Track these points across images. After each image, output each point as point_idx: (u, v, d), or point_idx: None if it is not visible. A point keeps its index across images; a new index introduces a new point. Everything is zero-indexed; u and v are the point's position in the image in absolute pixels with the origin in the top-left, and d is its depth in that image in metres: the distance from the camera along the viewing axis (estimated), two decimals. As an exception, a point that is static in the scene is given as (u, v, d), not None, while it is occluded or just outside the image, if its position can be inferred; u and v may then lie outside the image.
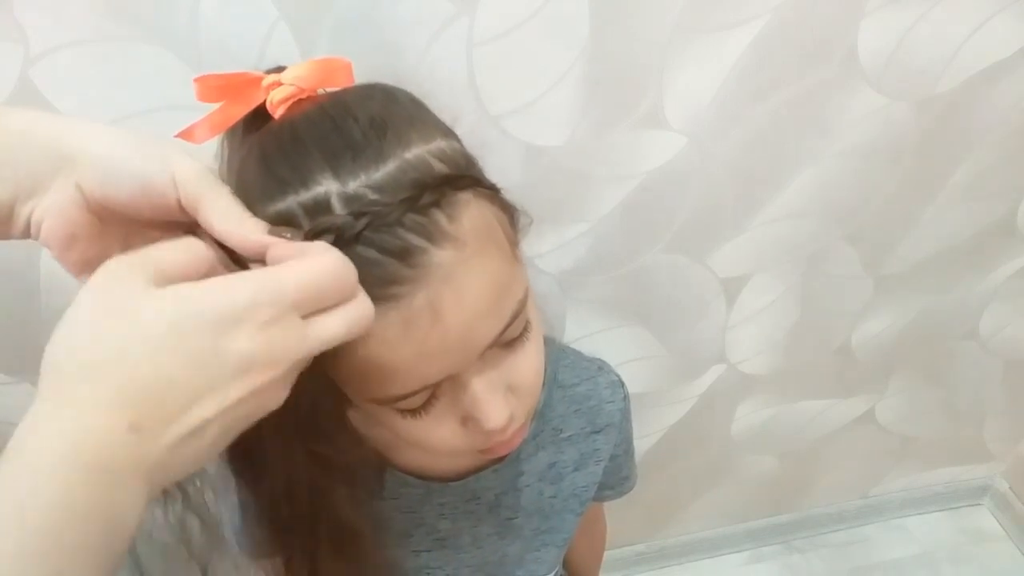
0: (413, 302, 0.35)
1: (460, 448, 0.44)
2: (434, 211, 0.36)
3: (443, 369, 0.39)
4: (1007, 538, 1.50)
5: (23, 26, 0.59)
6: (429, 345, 0.37)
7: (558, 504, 0.66)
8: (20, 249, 0.73)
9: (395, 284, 0.35)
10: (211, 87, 0.40)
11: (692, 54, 0.74)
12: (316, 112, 0.38)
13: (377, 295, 0.34)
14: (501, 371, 0.42)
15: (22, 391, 0.83)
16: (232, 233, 0.34)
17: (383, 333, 0.35)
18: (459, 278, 0.36)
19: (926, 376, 1.26)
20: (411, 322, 0.36)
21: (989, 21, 0.80)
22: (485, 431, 0.42)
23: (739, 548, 1.48)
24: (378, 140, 0.37)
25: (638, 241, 0.90)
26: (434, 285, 0.36)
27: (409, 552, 0.61)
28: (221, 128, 0.40)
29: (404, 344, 0.36)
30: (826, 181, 0.90)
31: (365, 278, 0.34)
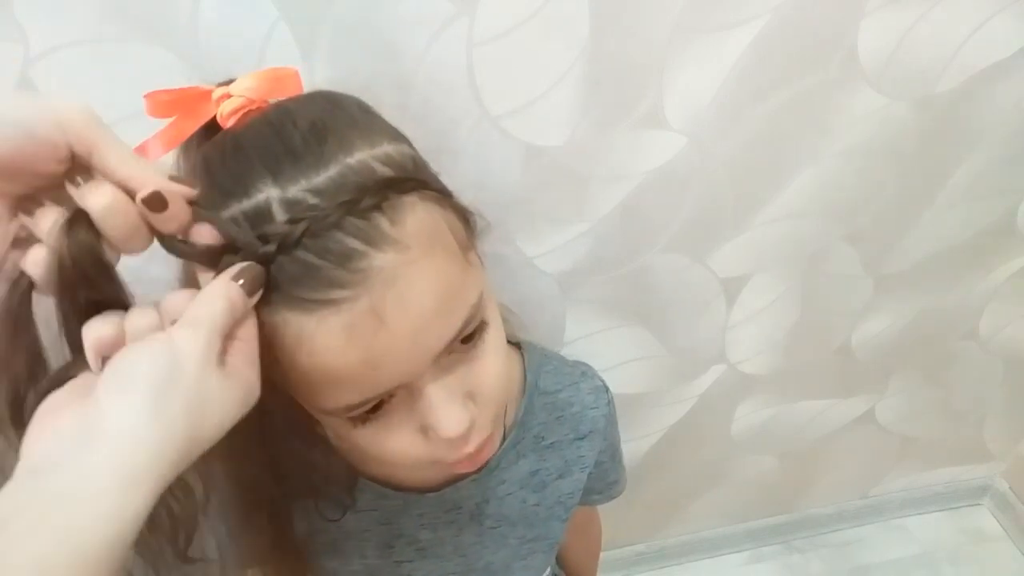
0: (355, 307, 0.35)
1: (421, 459, 0.43)
2: (375, 215, 0.35)
3: (394, 376, 0.38)
4: (1007, 538, 1.50)
5: (23, 26, 0.59)
6: (375, 351, 0.36)
7: (543, 512, 0.65)
8: (20, 249, 0.73)
9: (335, 288, 0.35)
10: (161, 103, 0.40)
11: (692, 54, 0.74)
12: (258, 120, 0.39)
13: (318, 300, 0.34)
14: (458, 377, 0.41)
15: (22, 391, 0.83)
16: (134, 176, 0.32)
17: (326, 340, 0.35)
18: (402, 282, 0.36)
19: (926, 376, 1.26)
20: (354, 328, 0.35)
21: (989, 21, 0.80)
22: (444, 440, 0.41)
23: (739, 548, 1.48)
24: (319, 145, 0.36)
25: (638, 241, 0.90)
26: (376, 290, 0.35)
27: (391, 563, 0.61)
28: (174, 143, 0.40)
29: (349, 351, 0.36)
30: (826, 181, 0.90)
31: (305, 283, 0.34)
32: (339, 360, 0.36)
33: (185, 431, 0.31)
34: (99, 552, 0.27)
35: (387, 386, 0.39)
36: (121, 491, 0.28)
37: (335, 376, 0.37)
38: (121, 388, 0.30)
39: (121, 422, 0.30)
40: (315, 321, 0.35)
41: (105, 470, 0.29)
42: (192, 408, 0.31)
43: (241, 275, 0.33)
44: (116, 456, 0.29)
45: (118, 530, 0.28)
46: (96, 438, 0.29)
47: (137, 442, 0.29)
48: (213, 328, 0.32)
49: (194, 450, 0.32)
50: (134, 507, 0.29)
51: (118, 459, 0.29)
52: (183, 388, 0.31)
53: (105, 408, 0.30)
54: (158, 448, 0.30)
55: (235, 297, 0.33)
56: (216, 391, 0.32)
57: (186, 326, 0.32)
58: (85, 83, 0.63)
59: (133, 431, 0.29)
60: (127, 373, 0.31)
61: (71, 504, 0.28)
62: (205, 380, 0.31)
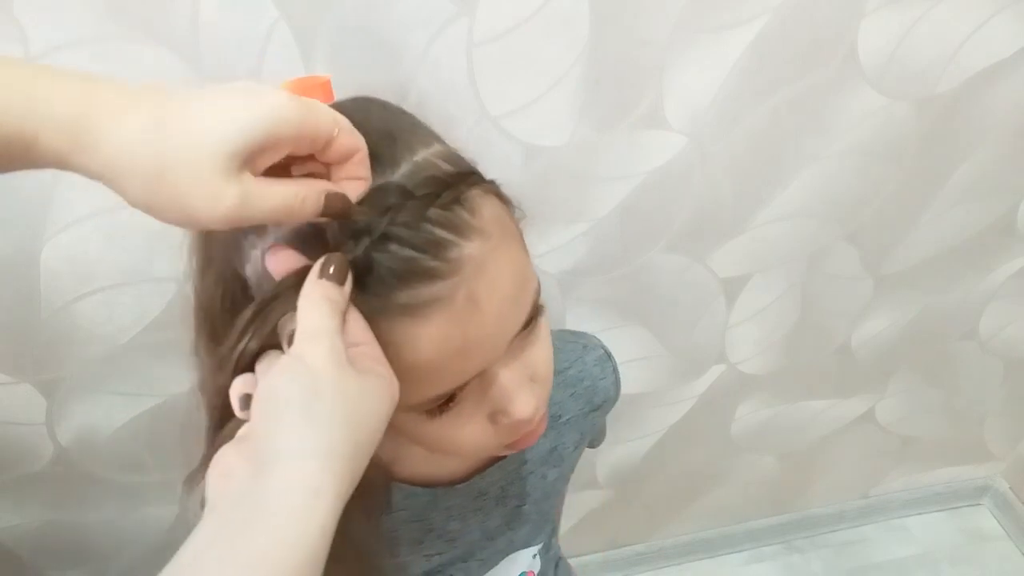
0: (455, 297, 0.36)
1: (488, 446, 0.44)
2: (455, 206, 0.36)
3: (479, 362, 0.39)
4: (1007, 538, 1.50)
5: (23, 26, 0.59)
6: (470, 339, 0.37)
7: (560, 483, 0.67)
8: (20, 249, 0.73)
9: (436, 281, 0.35)
10: None
11: (692, 54, 0.74)
12: None
13: (421, 298, 0.35)
14: (523, 361, 0.42)
15: (22, 391, 0.83)
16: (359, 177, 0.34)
17: (431, 333, 0.36)
18: (490, 268, 0.37)
19: (926, 376, 1.26)
20: (455, 318, 0.36)
21: (989, 21, 0.80)
22: (515, 422, 0.42)
23: (739, 548, 1.48)
24: (389, 148, 0.37)
25: (638, 241, 0.90)
26: (470, 278, 0.36)
27: (421, 557, 0.61)
28: None
29: (450, 341, 0.37)
30: (826, 181, 0.90)
31: (407, 279, 0.34)
32: (440, 352, 0.37)
33: (345, 437, 0.31)
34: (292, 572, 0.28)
35: (472, 372, 0.39)
36: (303, 507, 0.29)
37: (433, 368, 0.37)
38: (273, 415, 0.31)
39: (282, 445, 0.30)
40: (420, 319, 0.35)
41: (281, 492, 0.29)
42: (344, 413, 0.31)
43: (325, 270, 0.33)
44: (287, 476, 0.30)
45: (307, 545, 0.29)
46: (264, 466, 0.30)
47: (303, 458, 0.30)
48: (329, 331, 0.32)
49: (360, 455, 0.32)
50: (318, 521, 0.30)
51: (290, 478, 0.30)
52: (329, 397, 0.31)
53: (264, 438, 0.31)
54: (325, 460, 0.30)
55: (331, 293, 0.33)
56: (359, 392, 0.32)
57: (305, 341, 0.32)
58: (85, 83, 0.64)
59: (297, 450, 0.30)
60: (273, 400, 0.31)
61: (256, 531, 0.29)
62: (345, 383, 0.32)
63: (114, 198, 0.37)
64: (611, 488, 1.27)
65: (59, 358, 0.82)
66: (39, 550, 1.04)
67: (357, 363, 0.33)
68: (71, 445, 0.91)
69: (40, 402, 0.85)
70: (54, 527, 1.01)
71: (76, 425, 0.89)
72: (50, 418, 0.87)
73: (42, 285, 0.75)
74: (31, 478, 0.93)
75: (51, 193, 0.69)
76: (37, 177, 0.68)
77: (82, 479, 0.95)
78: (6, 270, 0.74)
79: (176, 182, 0.30)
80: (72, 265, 0.74)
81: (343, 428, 0.31)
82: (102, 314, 0.78)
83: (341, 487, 0.31)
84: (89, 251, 0.73)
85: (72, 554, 1.07)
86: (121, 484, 0.97)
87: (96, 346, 0.81)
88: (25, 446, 0.89)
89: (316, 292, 0.33)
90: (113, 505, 1.00)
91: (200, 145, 0.30)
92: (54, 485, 0.95)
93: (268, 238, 0.36)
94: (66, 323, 0.78)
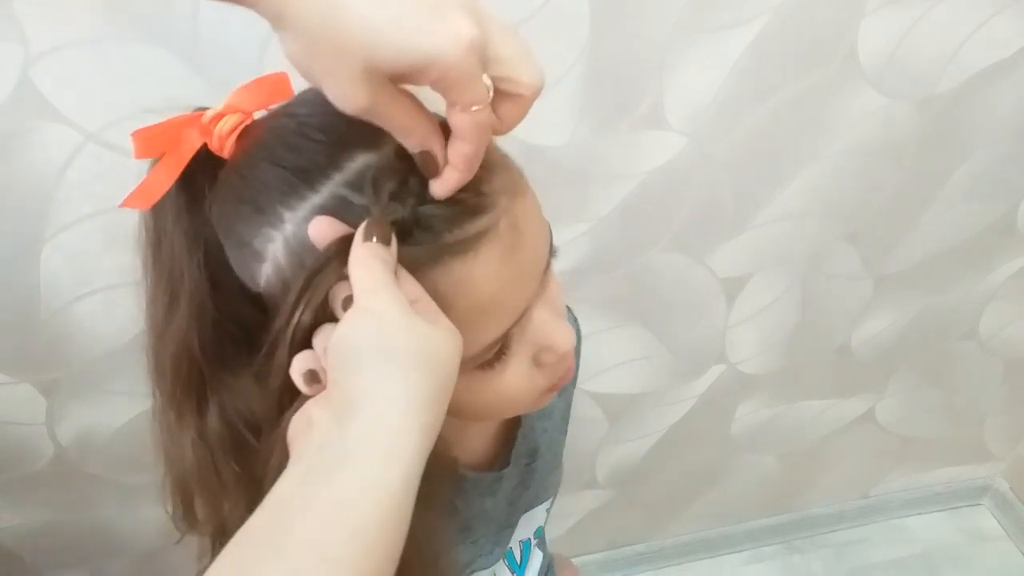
0: (499, 227, 0.36)
1: (536, 393, 0.44)
2: None
3: (526, 296, 0.40)
4: (1007, 538, 1.50)
5: (23, 26, 0.59)
6: (518, 268, 0.38)
7: (557, 432, 0.69)
8: (20, 249, 0.73)
9: (480, 215, 0.36)
10: (148, 139, 0.38)
11: (692, 54, 0.74)
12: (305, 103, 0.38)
13: (469, 232, 0.35)
14: (547, 298, 0.43)
15: (22, 391, 0.83)
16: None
17: (485, 270, 0.36)
18: (521, 195, 0.38)
19: (926, 376, 1.26)
20: (503, 248, 0.37)
21: (989, 21, 0.80)
22: (561, 356, 0.42)
23: (739, 548, 1.48)
24: None
25: (638, 241, 0.90)
26: (508, 207, 0.37)
27: (469, 544, 0.61)
28: (168, 184, 0.37)
29: (502, 273, 0.37)
30: (826, 181, 0.90)
31: (455, 221, 0.35)
32: (493, 287, 0.37)
33: (421, 378, 0.31)
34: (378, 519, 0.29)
35: (520, 309, 0.39)
36: (388, 448, 0.30)
37: (489, 308, 0.37)
38: (349, 362, 0.31)
39: (362, 387, 0.31)
40: (472, 258, 0.35)
41: (365, 434, 0.30)
42: (418, 356, 0.32)
43: (368, 234, 0.33)
44: (371, 418, 0.30)
45: (393, 490, 0.30)
46: (346, 411, 0.30)
47: (384, 399, 0.30)
48: (388, 283, 0.32)
49: (437, 402, 0.32)
50: (404, 465, 0.30)
51: (374, 420, 0.30)
52: (402, 340, 0.31)
53: (343, 385, 0.31)
54: (406, 401, 0.31)
55: (379, 252, 0.33)
56: (429, 336, 0.32)
57: (366, 295, 0.32)
58: (85, 83, 0.64)
59: (377, 391, 0.31)
60: (347, 348, 0.31)
61: (341, 476, 0.29)
62: (414, 327, 0.32)
63: (114, 198, 0.37)
64: (611, 488, 1.27)
65: (59, 358, 0.82)
66: (39, 550, 1.04)
67: (420, 315, 0.33)
68: (71, 445, 0.91)
69: (40, 402, 0.85)
70: (54, 527, 1.01)
71: (76, 425, 0.89)
72: (50, 418, 0.87)
73: (42, 285, 0.75)
74: (31, 478, 0.93)
75: (51, 193, 0.69)
76: (37, 177, 0.68)
77: (82, 479, 0.95)
78: (6, 270, 0.74)
79: (323, 58, 0.31)
80: (72, 265, 0.74)
81: (418, 370, 0.31)
82: (102, 314, 0.78)
83: (423, 433, 0.31)
84: (89, 251, 0.73)
85: (72, 554, 1.07)
86: (121, 484, 0.97)
87: (96, 346, 0.81)
88: (25, 446, 0.89)
89: (365, 253, 0.32)
90: (113, 505, 1.00)
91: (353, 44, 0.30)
92: (54, 485, 0.95)
93: (286, 226, 0.35)
94: (66, 323, 0.78)
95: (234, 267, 0.38)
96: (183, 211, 0.38)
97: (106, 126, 0.66)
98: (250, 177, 0.36)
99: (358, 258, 0.32)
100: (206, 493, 0.44)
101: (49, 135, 0.66)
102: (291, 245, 0.35)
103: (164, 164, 0.37)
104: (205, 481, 0.43)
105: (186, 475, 0.43)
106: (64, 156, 0.67)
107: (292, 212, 0.35)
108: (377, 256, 0.32)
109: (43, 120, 0.65)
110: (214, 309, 0.38)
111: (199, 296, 0.38)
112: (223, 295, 0.38)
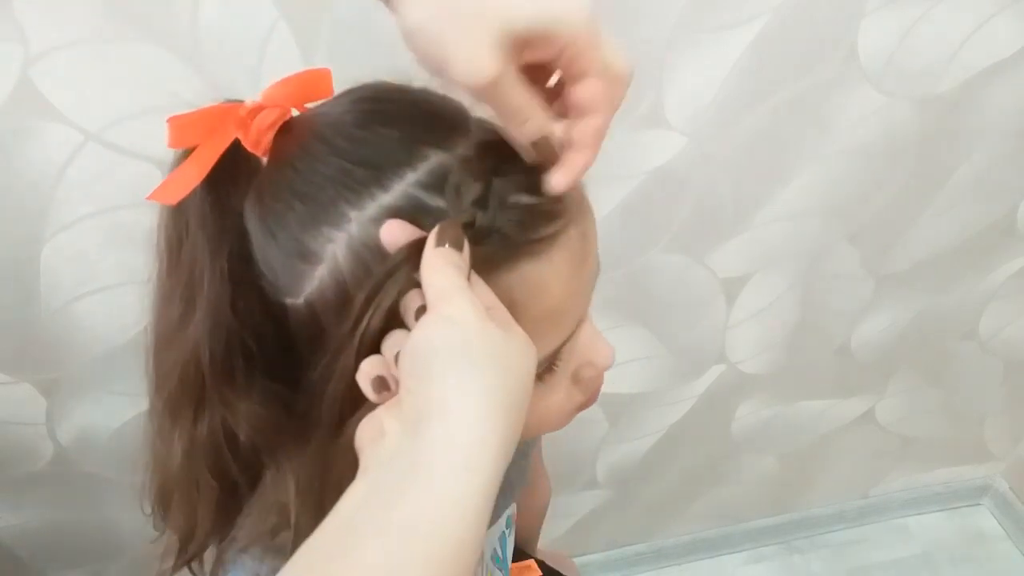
0: (570, 235, 0.36)
1: (571, 409, 0.44)
2: None
3: (586, 306, 0.40)
4: (1007, 538, 1.50)
5: (23, 26, 0.59)
6: (584, 277, 0.38)
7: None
8: (20, 249, 0.73)
9: (555, 221, 0.35)
10: (184, 126, 0.36)
11: (692, 54, 0.74)
12: (380, 94, 0.38)
13: (546, 238, 0.35)
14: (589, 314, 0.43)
15: (22, 391, 0.83)
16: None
17: (558, 274, 0.36)
18: (586, 205, 0.38)
19: (926, 376, 1.26)
20: (574, 255, 0.36)
21: (989, 21, 0.80)
22: (600, 372, 0.42)
23: (739, 548, 1.48)
24: (457, 109, 0.37)
25: (638, 241, 0.90)
26: (577, 215, 0.37)
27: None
28: (199, 177, 0.35)
29: (573, 280, 0.37)
30: (826, 181, 0.90)
31: (532, 225, 0.34)
32: (566, 292, 0.37)
33: (499, 385, 0.30)
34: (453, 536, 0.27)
35: (578, 321, 0.39)
36: (466, 461, 0.28)
37: (557, 316, 0.37)
38: (425, 370, 0.30)
39: (439, 396, 0.29)
40: (545, 261, 0.35)
41: (442, 446, 0.28)
42: (495, 364, 0.30)
43: (441, 239, 0.31)
44: (448, 429, 0.28)
45: (470, 506, 0.27)
46: (421, 422, 0.29)
47: (463, 409, 0.29)
48: (463, 289, 0.31)
49: (516, 412, 0.31)
50: (482, 479, 0.28)
51: (452, 431, 0.28)
52: (479, 346, 0.30)
53: (417, 393, 0.30)
54: (486, 410, 0.29)
55: (452, 257, 0.31)
56: (505, 343, 0.31)
57: (442, 301, 0.30)
58: (85, 83, 0.64)
59: (455, 401, 0.29)
60: (424, 355, 0.30)
61: (414, 490, 0.27)
62: (491, 334, 0.30)
63: (114, 198, 0.37)
64: (611, 488, 1.27)
65: (59, 358, 0.82)
66: (39, 550, 1.04)
67: (494, 321, 0.32)
68: (71, 445, 0.91)
69: (40, 402, 0.85)
70: (54, 527, 1.01)
71: (76, 425, 0.89)
72: (50, 418, 0.87)
73: (42, 285, 0.75)
74: (31, 478, 0.93)
75: (51, 193, 0.69)
76: (37, 177, 0.68)
77: (82, 479, 0.95)
78: (6, 270, 0.74)
79: (458, 21, 0.30)
80: (72, 265, 0.74)
81: (497, 378, 0.30)
82: (102, 314, 0.78)
83: (502, 446, 0.29)
84: (89, 251, 0.73)
85: (72, 554, 1.07)
86: (121, 484, 0.97)
87: (96, 346, 0.81)
88: (25, 446, 0.89)
89: (439, 259, 0.31)
90: (113, 505, 1.00)
91: (490, 4, 0.30)
92: (54, 485, 0.95)
93: (350, 226, 0.33)
94: (66, 323, 0.78)
95: (271, 269, 0.36)
96: (209, 212, 0.37)
97: (106, 126, 0.66)
98: (307, 171, 0.35)
99: (432, 263, 0.31)
100: (184, 498, 0.43)
101: (49, 135, 0.65)
102: (355, 246, 0.33)
103: (196, 157, 0.36)
104: (185, 487, 0.42)
105: (169, 478, 0.43)
106: (64, 156, 0.67)
107: (359, 211, 0.33)
108: (451, 262, 0.31)
109: (43, 120, 0.65)
110: (233, 320, 0.37)
111: (218, 305, 0.37)
112: (244, 307, 0.37)
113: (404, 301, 0.32)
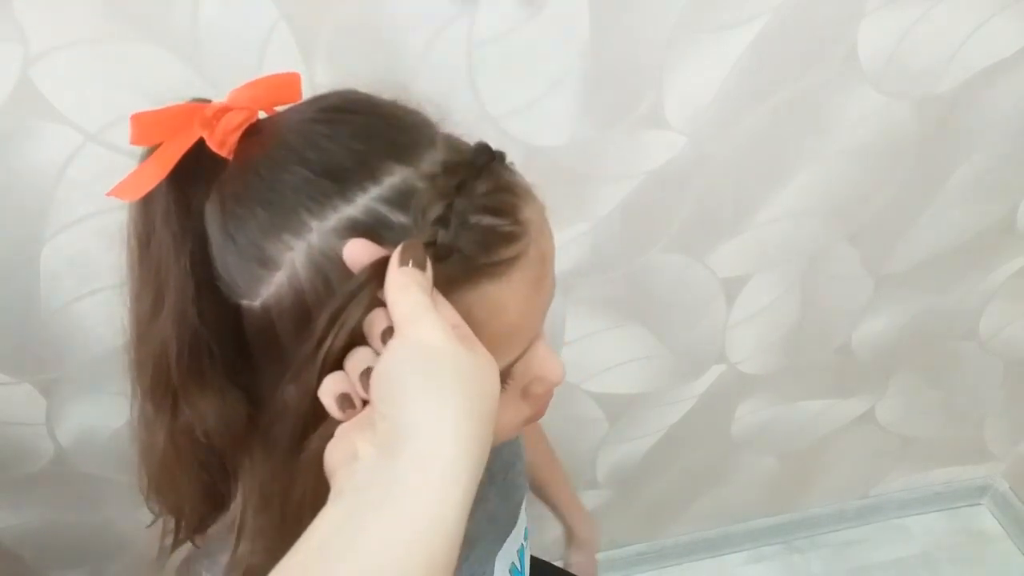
0: (529, 256, 0.36)
1: (522, 423, 0.44)
2: (504, 173, 0.37)
3: (541, 323, 0.40)
4: (1007, 538, 1.50)
5: (23, 26, 0.59)
6: (542, 296, 0.38)
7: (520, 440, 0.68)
8: (20, 249, 0.73)
9: (515, 243, 0.36)
10: (148, 125, 0.36)
11: (692, 54, 0.74)
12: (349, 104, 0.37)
13: (506, 260, 0.35)
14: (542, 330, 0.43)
15: (22, 391, 0.83)
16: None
17: (517, 295, 0.36)
18: (546, 225, 0.39)
19: (926, 376, 1.26)
20: (531, 275, 0.37)
21: (989, 21, 0.80)
22: (549, 388, 0.43)
23: (739, 548, 1.48)
24: (425, 125, 0.37)
25: (638, 241, 0.90)
26: (536, 236, 0.37)
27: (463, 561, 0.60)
28: (160, 176, 0.35)
29: (531, 300, 0.37)
30: (826, 181, 0.90)
31: (493, 246, 0.34)
32: (523, 311, 0.37)
33: (469, 409, 0.30)
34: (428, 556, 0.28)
35: (532, 338, 0.40)
36: (440, 481, 0.28)
37: (517, 330, 0.38)
38: (397, 393, 0.30)
39: (410, 419, 0.29)
40: (505, 282, 0.35)
41: (416, 467, 0.28)
42: (464, 385, 0.30)
43: (404, 259, 0.32)
44: (421, 450, 0.29)
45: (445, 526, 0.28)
46: (394, 444, 0.29)
47: (436, 432, 0.29)
48: (428, 309, 0.31)
49: (484, 433, 0.31)
50: (456, 498, 0.29)
51: (425, 452, 0.29)
52: (449, 368, 0.30)
53: (389, 417, 0.30)
54: (456, 432, 0.29)
55: (417, 277, 0.31)
56: (473, 364, 0.31)
57: (408, 323, 0.31)
58: (85, 83, 0.64)
59: (426, 423, 0.29)
60: (394, 379, 0.30)
61: (389, 512, 0.28)
62: (459, 355, 0.31)
63: (114, 199, 0.37)
64: (611, 488, 1.27)
65: (59, 358, 0.82)
66: (39, 550, 1.04)
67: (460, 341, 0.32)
68: (71, 445, 0.91)
69: (40, 402, 0.85)
70: (54, 527, 1.01)
71: (76, 425, 0.89)
72: (50, 418, 0.87)
73: (42, 285, 0.75)
74: (31, 478, 0.93)
75: (51, 193, 0.69)
76: (37, 177, 0.68)
77: (82, 479, 0.95)
78: (6, 270, 0.74)
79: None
80: (72, 265, 0.74)
81: (467, 400, 0.30)
82: (102, 314, 0.78)
83: (474, 465, 0.30)
84: (89, 251, 0.73)
85: (72, 554, 1.07)
86: (121, 484, 0.97)
87: (96, 346, 0.81)
88: (25, 446, 0.89)
89: (403, 279, 0.31)
90: (113, 505, 1.00)
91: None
92: (54, 485, 0.95)
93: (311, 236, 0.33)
94: (66, 323, 0.78)
95: (228, 272, 0.36)
96: (172, 208, 0.37)
97: (106, 126, 0.67)
98: (271, 178, 0.34)
99: (396, 283, 0.31)
100: (169, 483, 0.44)
101: (49, 135, 0.66)
102: (314, 256, 0.33)
103: (159, 155, 0.36)
104: (170, 473, 0.43)
105: (155, 465, 0.44)
106: (64, 156, 0.67)
107: (320, 221, 0.33)
108: (415, 281, 0.31)
109: (43, 120, 0.65)
110: (196, 318, 0.37)
111: (182, 302, 0.37)
112: (207, 304, 0.37)
113: (368, 320, 0.32)
